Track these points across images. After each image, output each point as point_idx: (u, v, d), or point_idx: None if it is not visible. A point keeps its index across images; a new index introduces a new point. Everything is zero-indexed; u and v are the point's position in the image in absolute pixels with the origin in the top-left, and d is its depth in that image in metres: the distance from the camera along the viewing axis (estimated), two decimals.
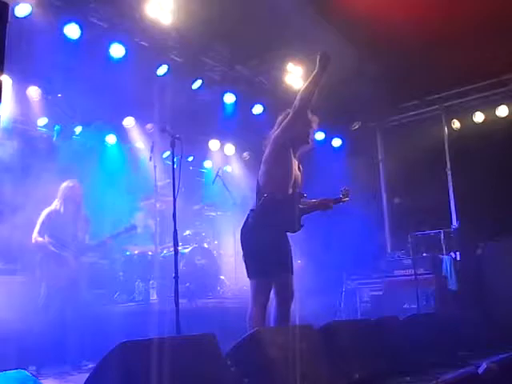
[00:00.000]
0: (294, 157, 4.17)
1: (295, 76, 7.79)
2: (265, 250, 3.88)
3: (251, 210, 4.04)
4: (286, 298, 4.09)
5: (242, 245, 4.04)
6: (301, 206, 4.13)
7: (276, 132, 4.15)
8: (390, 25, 6.41)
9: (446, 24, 6.45)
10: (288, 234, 4.17)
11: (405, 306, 7.15)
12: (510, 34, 6.50)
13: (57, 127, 7.54)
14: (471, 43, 6.73)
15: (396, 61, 7.26)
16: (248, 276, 4.04)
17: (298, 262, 8.21)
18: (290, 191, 3.99)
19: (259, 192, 4.00)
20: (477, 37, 6.61)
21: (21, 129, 7.16)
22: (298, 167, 4.26)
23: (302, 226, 4.13)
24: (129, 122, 8.17)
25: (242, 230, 4.05)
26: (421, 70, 7.36)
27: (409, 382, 3.68)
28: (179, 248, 4.39)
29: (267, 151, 4.16)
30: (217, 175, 8.36)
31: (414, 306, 6.74)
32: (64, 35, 5.85)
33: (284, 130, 4.05)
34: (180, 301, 3.92)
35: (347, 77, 7.73)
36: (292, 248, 4.25)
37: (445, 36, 6.64)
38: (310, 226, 5.69)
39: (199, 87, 7.46)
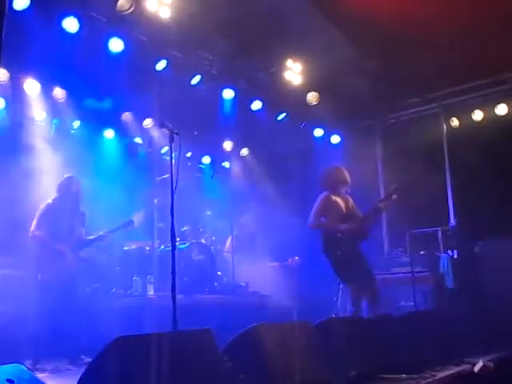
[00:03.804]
0: None
1: (294, 72, 7.78)
2: None
3: None
4: None
5: None
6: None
7: None
8: (389, 22, 6.39)
9: (445, 22, 6.43)
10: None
11: (401, 303, 7.16)
12: (509, 32, 6.49)
13: (55, 121, 7.52)
14: (470, 41, 6.72)
15: (395, 59, 7.25)
16: None
17: (295, 259, 8.25)
18: None
19: None
20: (476, 35, 6.60)
21: (18, 123, 7.13)
22: None
23: None
24: (127, 116, 8.14)
25: None
26: (420, 67, 7.34)
27: (405, 379, 3.69)
28: (177, 243, 4.39)
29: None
30: (215, 171, 8.35)
31: (411, 304, 6.76)
32: (62, 29, 5.82)
33: None
34: (177, 296, 3.92)
35: (346, 74, 7.74)
36: (290, 244, 4.34)
37: (444, 34, 6.63)
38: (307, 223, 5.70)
39: (198, 82, 7.44)
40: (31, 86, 6.88)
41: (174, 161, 4.36)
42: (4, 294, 5.43)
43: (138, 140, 8.52)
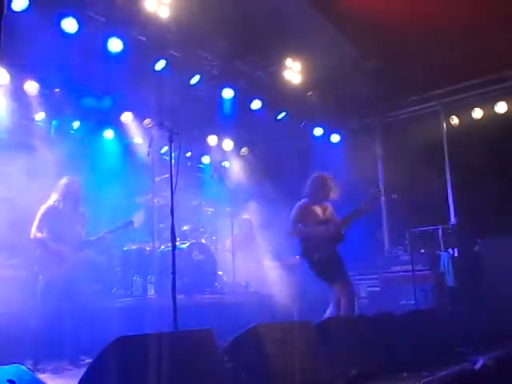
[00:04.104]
0: None
1: (294, 71, 7.78)
2: None
3: None
4: None
5: None
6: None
7: None
8: (389, 21, 6.39)
9: (445, 20, 6.43)
10: None
11: (402, 302, 7.16)
12: (509, 31, 6.48)
13: (54, 122, 7.52)
14: (470, 40, 6.72)
15: (395, 57, 7.25)
16: None
17: (295, 258, 8.24)
18: None
19: None
20: (475, 33, 6.60)
21: (18, 123, 7.13)
22: None
23: None
24: (127, 116, 8.14)
25: None
26: (419, 66, 7.34)
27: (406, 378, 3.69)
28: (177, 243, 4.39)
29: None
30: (215, 170, 8.35)
31: (412, 302, 6.76)
32: (61, 29, 5.81)
33: None
34: (177, 296, 3.92)
35: (346, 73, 7.74)
36: (290, 244, 4.37)
37: (443, 32, 6.63)
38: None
39: (197, 82, 7.43)
40: (30, 87, 6.87)
41: (173, 161, 4.36)
42: (5, 294, 5.43)
43: (138, 140, 8.52)
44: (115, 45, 6.29)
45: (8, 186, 6.17)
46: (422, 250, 7.66)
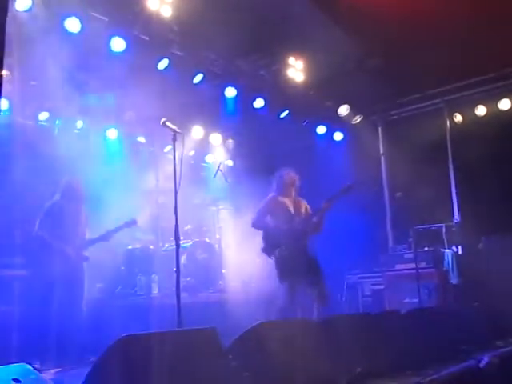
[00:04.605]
0: None
1: (296, 69, 7.76)
2: None
3: None
4: None
5: None
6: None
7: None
8: (392, 19, 6.37)
9: (449, 17, 6.41)
10: None
11: (406, 300, 7.15)
12: None
13: (58, 121, 7.53)
14: (473, 36, 6.69)
15: (397, 55, 7.23)
16: None
17: None
18: None
19: None
20: (479, 30, 6.57)
21: (22, 123, 7.15)
22: None
23: None
24: (130, 115, 8.14)
25: None
26: (422, 63, 7.32)
27: (410, 376, 3.69)
28: (181, 242, 4.39)
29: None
30: (218, 169, 8.35)
31: (416, 301, 6.74)
32: (64, 29, 5.83)
33: None
34: (181, 295, 3.92)
35: (349, 70, 7.72)
36: None
37: (447, 29, 6.60)
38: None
39: (200, 81, 7.43)
40: (34, 87, 6.88)
41: (177, 159, 4.37)
42: (9, 294, 5.45)
43: (141, 139, 8.52)
44: (118, 44, 6.30)
45: (11, 186, 6.18)
46: (426, 248, 7.64)
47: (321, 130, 9.41)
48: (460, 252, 7.73)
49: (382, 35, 6.79)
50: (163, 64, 6.87)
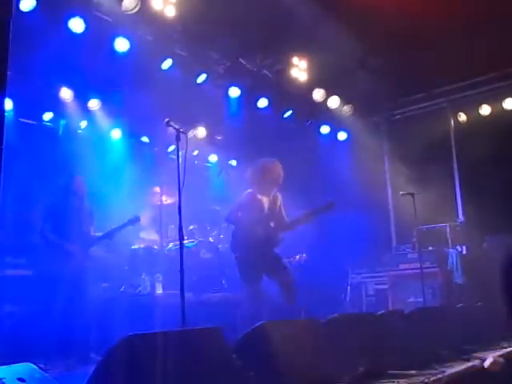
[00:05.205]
0: None
1: (300, 69, 7.76)
2: None
3: None
4: None
5: None
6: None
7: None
8: (395, 19, 6.36)
9: (452, 17, 6.40)
10: None
11: (410, 299, 7.14)
12: None
13: (62, 122, 7.56)
14: (477, 35, 6.68)
15: (401, 54, 7.22)
16: None
17: (303, 256, 8.24)
18: None
19: None
20: (483, 29, 6.56)
21: (26, 123, 7.17)
22: None
23: None
24: (133, 116, 8.14)
25: None
26: (426, 62, 7.31)
27: (414, 376, 3.68)
28: (184, 242, 4.40)
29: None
30: (221, 169, 8.35)
31: (420, 300, 6.73)
32: (68, 29, 5.84)
33: None
34: (185, 294, 3.93)
35: (352, 70, 7.72)
36: (297, 241, 4.32)
37: (451, 29, 6.59)
38: (315, 219, 5.70)
39: (204, 81, 7.44)
40: (38, 87, 6.90)
41: (180, 160, 4.37)
42: (14, 294, 5.47)
43: (145, 139, 8.53)
44: (122, 44, 6.32)
45: (16, 187, 6.20)
46: (430, 248, 7.63)
47: (324, 129, 9.40)
48: (464, 251, 7.72)
49: (386, 35, 6.78)
50: (167, 64, 6.88)
